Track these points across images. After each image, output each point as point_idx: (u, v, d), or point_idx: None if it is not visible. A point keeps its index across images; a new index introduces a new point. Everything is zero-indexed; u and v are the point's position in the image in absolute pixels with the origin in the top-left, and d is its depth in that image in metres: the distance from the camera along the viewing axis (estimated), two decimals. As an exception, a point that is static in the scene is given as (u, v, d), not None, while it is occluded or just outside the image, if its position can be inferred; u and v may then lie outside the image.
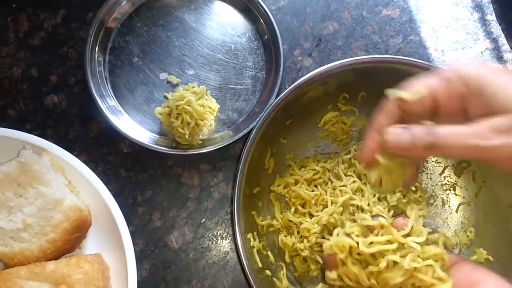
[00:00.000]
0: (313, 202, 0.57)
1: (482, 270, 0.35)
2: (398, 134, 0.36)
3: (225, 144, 0.58)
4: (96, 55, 0.61)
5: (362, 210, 0.56)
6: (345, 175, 0.58)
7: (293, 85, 0.55)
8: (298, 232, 0.57)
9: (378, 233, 0.37)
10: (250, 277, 0.49)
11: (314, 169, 0.58)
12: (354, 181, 0.57)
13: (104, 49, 0.63)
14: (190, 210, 0.59)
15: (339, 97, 0.59)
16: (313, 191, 0.57)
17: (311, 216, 0.57)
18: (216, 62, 0.63)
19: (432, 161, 0.61)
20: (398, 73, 0.56)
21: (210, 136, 0.61)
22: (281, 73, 0.60)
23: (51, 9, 0.64)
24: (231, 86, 0.63)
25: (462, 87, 0.35)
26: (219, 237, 0.58)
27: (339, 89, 0.58)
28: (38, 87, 0.62)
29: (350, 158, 0.59)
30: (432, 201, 0.59)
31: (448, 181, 0.60)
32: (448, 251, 0.37)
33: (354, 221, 0.40)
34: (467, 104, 0.36)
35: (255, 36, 0.64)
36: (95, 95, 0.59)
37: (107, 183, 0.54)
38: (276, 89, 0.60)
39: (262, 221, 0.56)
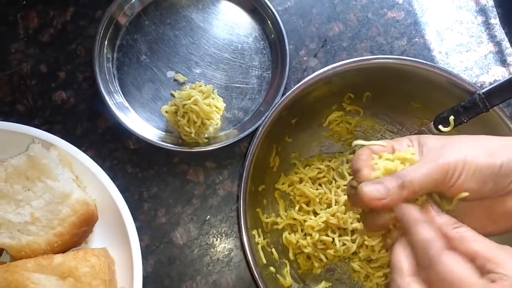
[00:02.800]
0: (318, 200, 0.57)
1: None
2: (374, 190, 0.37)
3: (230, 142, 0.59)
4: (105, 51, 0.62)
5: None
6: (349, 174, 0.59)
7: (298, 84, 0.55)
8: (302, 230, 0.57)
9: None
10: (255, 272, 0.49)
11: (319, 168, 0.59)
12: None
13: (112, 47, 0.63)
14: (195, 207, 0.60)
15: (344, 97, 0.60)
16: (317, 189, 0.58)
17: (315, 214, 0.57)
18: (223, 61, 0.64)
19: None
20: (403, 74, 0.57)
21: (216, 134, 0.62)
22: (287, 73, 0.61)
23: (61, 6, 0.65)
24: (237, 85, 0.63)
25: None
26: (223, 234, 0.59)
27: (344, 89, 0.59)
28: (47, 83, 0.63)
29: (354, 158, 0.59)
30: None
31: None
32: None
33: None
34: None
35: (261, 36, 0.65)
36: (103, 91, 0.60)
37: (113, 179, 0.55)
38: (282, 88, 0.60)
39: (266, 218, 0.57)
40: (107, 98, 0.60)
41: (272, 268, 0.55)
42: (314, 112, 0.60)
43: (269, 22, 0.64)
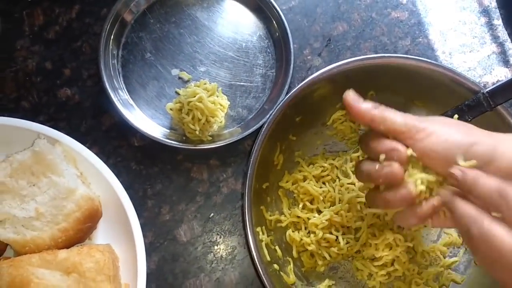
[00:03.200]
0: (321, 198, 0.57)
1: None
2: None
3: (234, 140, 0.59)
4: (110, 48, 0.62)
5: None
6: (353, 172, 0.59)
7: (302, 83, 0.56)
8: (305, 228, 0.57)
9: None
10: (260, 269, 0.50)
11: (323, 166, 0.59)
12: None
13: (117, 44, 0.64)
14: (199, 204, 0.60)
15: (348, 95, 0.60)
16: (321, 187, 0.58)
17: (319, 212, 0.57)
18: (227, 60, 0.64)
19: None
20: (407, 73, 0.57)
21: (220, 132, 0.62)
22: (291, 72, 0.61)
23: (66, 4, 0.65)
24: (241, 83, 0.64)
25: None
26: (227, 232, 0.59)
27: (348, 87, 0.58)
28: (52, 80, 0.63)
29: (358, 156, 0.60)
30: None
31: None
32: None
33: None
34: None
35: (266, 35, 0.65)
36: (108, 87, 0.60)
37: (117, 175, 0.55)
38: (286, 87, 0.61)
39: (270, 216, 0.57)
40: (112, 95, 0.60)
41: (275, 266, 0.55)
42: (318, 111, 0.60)
43: (273, 21, 0.64)
